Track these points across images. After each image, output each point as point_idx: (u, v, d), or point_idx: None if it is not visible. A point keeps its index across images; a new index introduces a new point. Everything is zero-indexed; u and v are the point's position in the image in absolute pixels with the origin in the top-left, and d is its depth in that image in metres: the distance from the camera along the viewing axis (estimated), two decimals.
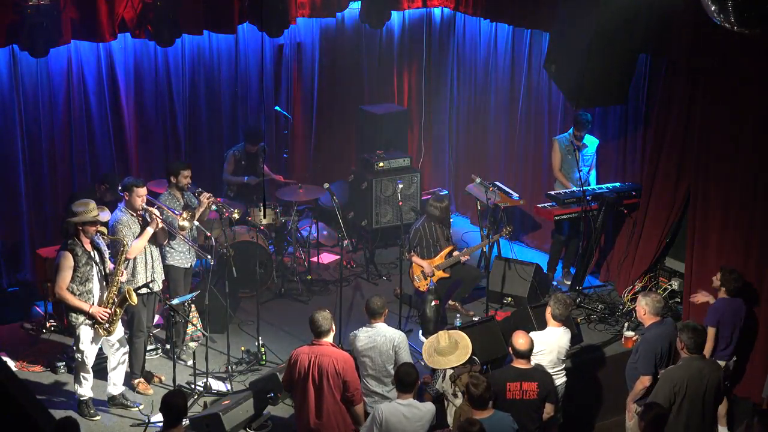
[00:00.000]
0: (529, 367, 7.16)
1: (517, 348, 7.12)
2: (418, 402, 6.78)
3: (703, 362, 7.10)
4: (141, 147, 10.50)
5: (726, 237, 8.39)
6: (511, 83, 11.28)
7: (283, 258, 10.41)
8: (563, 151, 10.12)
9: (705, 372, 6.99)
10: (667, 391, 6.91)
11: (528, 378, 7.08)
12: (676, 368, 7.06)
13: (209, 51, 10.73)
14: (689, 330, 7.04)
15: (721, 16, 5.81)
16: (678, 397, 6.90)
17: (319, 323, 6.91)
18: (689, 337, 7.00)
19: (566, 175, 10.17)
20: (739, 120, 8.15)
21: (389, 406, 6.71)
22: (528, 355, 7.15)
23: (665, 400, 6.89)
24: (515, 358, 7.16)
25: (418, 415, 6.68)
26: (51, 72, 9.72)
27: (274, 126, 11.39)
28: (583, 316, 9.38)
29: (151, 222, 8.03)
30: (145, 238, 8.03)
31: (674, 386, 6.91)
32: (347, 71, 11.83)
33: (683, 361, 7.05)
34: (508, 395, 7.02)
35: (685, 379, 6.92)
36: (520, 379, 7.06)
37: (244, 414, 7.47)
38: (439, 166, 12.53)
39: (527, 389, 7.06)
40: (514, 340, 7.17)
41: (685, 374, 6.94)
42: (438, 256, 9.46)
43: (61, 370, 8.43)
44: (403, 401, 6.70)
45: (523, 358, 7.14)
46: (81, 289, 7.56)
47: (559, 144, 10.15)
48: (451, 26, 12.02)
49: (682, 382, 6.91)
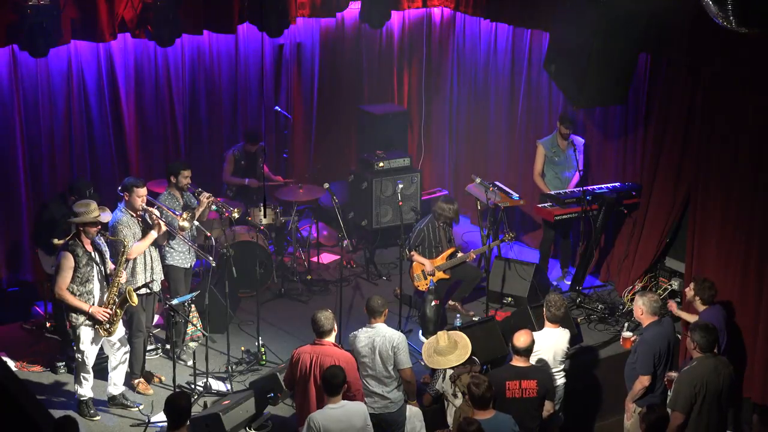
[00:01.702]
0: (528, 366, 7.17)
1: (515, 345, 7.14)
2: (349, 402, 6.65)
3: (716, 360, 7.07)
4: (141, 147, 10.49)
5: (726, 237, 8.38)
6: (511, 83, 11.27)
7: (283, 258, 10.41)
8: (549, 154, 10.14)
9: (720, 369, 6.98)
10: (688, 393, 6.87)
11: (527, 376, 7.09)
12: (692, 369, 6.99)
13: (209, 51, 10.72)
14: (701, 329, 7.01)
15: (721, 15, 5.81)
16: (699, 397, 6.88)
17: (321, 323, 6.91)
18: (702, 336, 6.96)
19: (558, 175, 10.19)
20: (739, 120, 8.15)
21: (322, 413, 6.53)
22: (526, 353, 7.15)
23: (687, 402, 6.85)
24: (514, 355, 7.17)
25: (354, 414, 6.58)
26: (51, 72, 9.72)
27: (274, 126, 11.39)
28: (583, 316, 9.38)
29: (155, 227, 8.05)
30: (148, 242, 8.04)
31: (694, 387, 6.88)
32: (347, 71, 11.83)
33: (697, 361, 7.00)
34: (507, 394, 7.02)
35: (704, 378, 6.89)
36: (519, 378, 7.07)
37: (244, 414, 7.47)
38: (439, 166, 12.53)
39: (527, 387, 7.06)
40: (515, 337, 7.18)
41: (703, 374, 6.91)
42: (439, 257, 9.46)
43: (61, 370, 8.43)
44: (334, 405, 6.54)
45: (522, 356, 7.14)
46: (82, 289, 7.56)
47: (543, 147, 10.16)
48: (451, 26, 12.01)
49: (702, 382, 6.88)
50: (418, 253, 9.43)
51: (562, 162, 10.14)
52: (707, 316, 7.75)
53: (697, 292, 7.84)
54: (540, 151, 10.21)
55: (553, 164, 10.18)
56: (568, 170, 10.11)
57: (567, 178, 10.16)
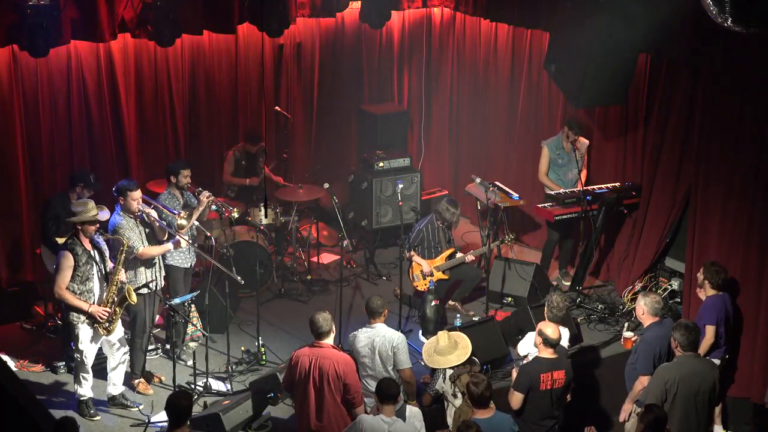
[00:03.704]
0: (556, 357, 7.20)
1: (548, 337, 7.12)
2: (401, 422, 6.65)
3: (698, 361, 7.10)
4: (141, 147, 10.48)
5: (726, 237, 8.38)
6: (511, 83, 11.27)
7: (283, 258, 10.41)
8: (553, 155, 10.13)
9: (699, 371, 7.00)
10: (659, 388, 6.93)
11: (557, 367, 7.16)
12: (668, 366, 7.08)
13: (209, 51, 10.72)
14: (682, 328, 7.06)
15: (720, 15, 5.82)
16: (669, 394, 6.92)
17: (319, 324, 6.91)
18: (682, 335, 7.02)
19: (560, 177, 10.18)
20: (739, 120, 8.14)
21: (373, 419, 6.53)
22: (557, 344, 7.19)
23: (656, 397, 6.90)
24: (544, 347, 7.17)
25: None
26: (51, 72, 9.71)
27: (274, 126, 11.39)
28: (583, 316, 9.38)
29: (176, 244, 8.14)
30: (163, 250, 8.11)
31: (665, 383, 6.93)
32: (347, 71, 11.83)
33: (677, 359, 7.08)
34: (542, 386, 7.08)
35: (677, 377, 6.93)
36: (552, 369, 7.12)
37: (244, 414, 7.48)
38: (439, 166, 12.52)
39: (557, 378, 7.14)
40: (543, 329, 7.17)
41: (677, 372, 6.95)
42: (439, 257, 9.46)
43: (61, 370, 8.44)
44: (387, 418, 6.53)
45: (553, 347, 7.17)
46: (81, 288, 7.56)
47: (548, 149, 10.16)
48: (451, 26, 12.01)
49: (674, 380, 6.92)
50: (417, 254, 9.43)
51: (565, 164, 10.12)
52: (710, 302, 7.84)
53: (707, 277, 7.90)
54: (545, 152, 10.18)
55: (556, 166, 10.16)
56: (570, 172, 10.10)
57: (569, 180, 10.14)
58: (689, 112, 8.89)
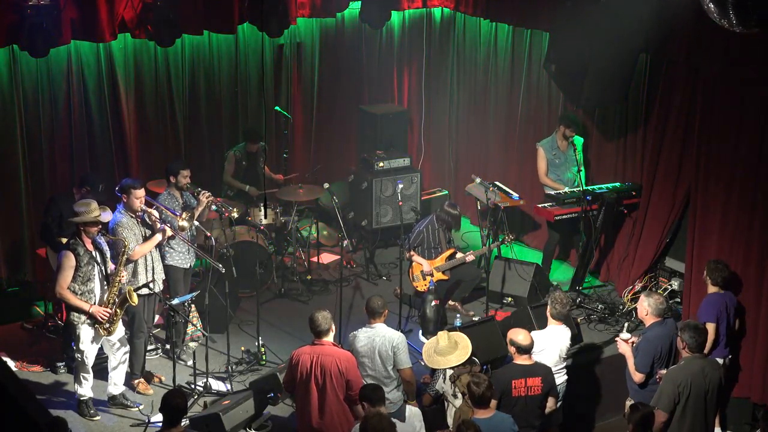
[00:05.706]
0: (531, 363, 7.19)
1: (519, 344, 7.14)
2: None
3: (704, 361, 7.10)
4: (141, 147, 10.49)
5: (726, 237, 8.38)
6: (511, 83, 11.27)
7: (283, 258, 10.41)
8: (549, 156, 10.13)
9: (707, 371, 6.99)
10: (672, 391, 6.90)
11: (532, 374, 7.12)
12: (678, 368, 7.04)
13: (209, 51, 10.72)
14: (690, 329, 7.04)
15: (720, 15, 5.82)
16: (682, 397, 6.90)
17: (319, 323, 6.91)
18: (691, 337, 7.00)
19: (559, 177, 10.18)
20: (739, 120, 8.14)
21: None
22: (530, 350, 7.18)
23: (670, 401, 6.88)
24: (517, 354, 7.18)
25: None
26: (51, 72, 9.71)
27: (274, 126, 11.39)
28: (583, 316, 9.38)
29: (160, 231, 8.06)
30: (152, 245, 8.05)
31: (678, 386, 6.90)
32: (347, 71, 11.83)
33: (685, 361, 7.04)
34: (513, 393, 7.05)
35: (688, 378, 6.91)
36: (525, 376, 7.09)
37: (244, 414, 7.47)
38: (439, 166, 12.52)
39: (532, 385, 7.09)
40: (513, 337, 7.19)
41: (688, 374, 6.94)
42: (439, 258, 9.46)
43: (61, 370, 8.44)
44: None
45: (525, 354, 7.16)
46: (83, 288, 7.56)
47: (544, 149, 10.15)
48: (451, 26, 12.01)
49: (686, 382, 6.90)
50: (417, 254, 9.43)
51: (562, 163, 10.13)
52: (709, 299, 7.85)
53: (709, 274, 7.96)
54: (541, 153, 10.18)
55: (554, 166, 10.16)
56: (569, 171, 10.10)
57: (569, 179, 10.14)
58: (689, 111, 8.88)
